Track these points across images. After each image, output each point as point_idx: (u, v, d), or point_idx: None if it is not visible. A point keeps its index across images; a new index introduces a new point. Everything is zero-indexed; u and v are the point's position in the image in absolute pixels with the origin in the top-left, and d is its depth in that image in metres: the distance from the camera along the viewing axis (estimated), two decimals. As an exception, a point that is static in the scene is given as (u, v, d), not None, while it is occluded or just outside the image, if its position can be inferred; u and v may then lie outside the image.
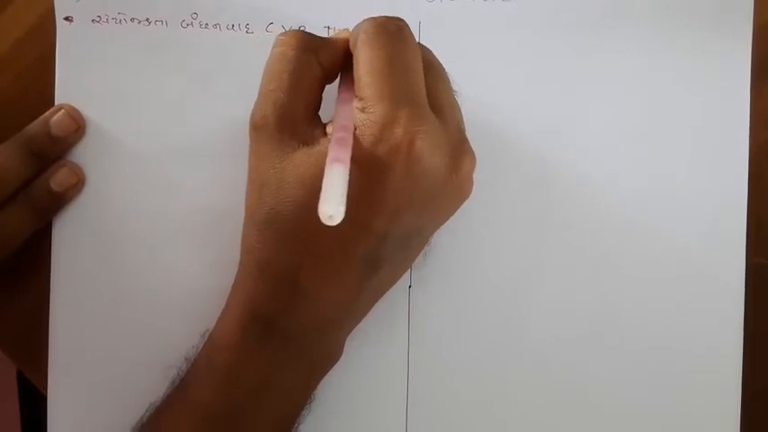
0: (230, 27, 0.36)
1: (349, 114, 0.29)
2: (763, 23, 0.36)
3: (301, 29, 0.35)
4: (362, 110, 0.29)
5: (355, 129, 0.29)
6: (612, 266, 0.36)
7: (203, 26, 0.36)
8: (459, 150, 0.30)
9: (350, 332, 0.33)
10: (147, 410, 0.33)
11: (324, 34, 0.35)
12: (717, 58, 0.36)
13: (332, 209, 0.24)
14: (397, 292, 0.34)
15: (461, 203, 0.32)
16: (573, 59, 0.36)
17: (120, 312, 0.36)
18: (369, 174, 0.28)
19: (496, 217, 0.36)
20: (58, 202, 0.35)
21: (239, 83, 0.36)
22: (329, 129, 0.30)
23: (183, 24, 0.36)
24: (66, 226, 0.36)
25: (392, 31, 0.30)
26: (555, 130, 0.36)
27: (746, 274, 0.36)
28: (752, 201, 0.36)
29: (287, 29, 0.36)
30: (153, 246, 0.36)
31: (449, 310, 0.36)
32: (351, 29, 0.31)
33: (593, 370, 0.36)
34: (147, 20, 0.36)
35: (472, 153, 0.31)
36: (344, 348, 0.33)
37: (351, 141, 0.27)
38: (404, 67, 0.29)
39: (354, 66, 0.30)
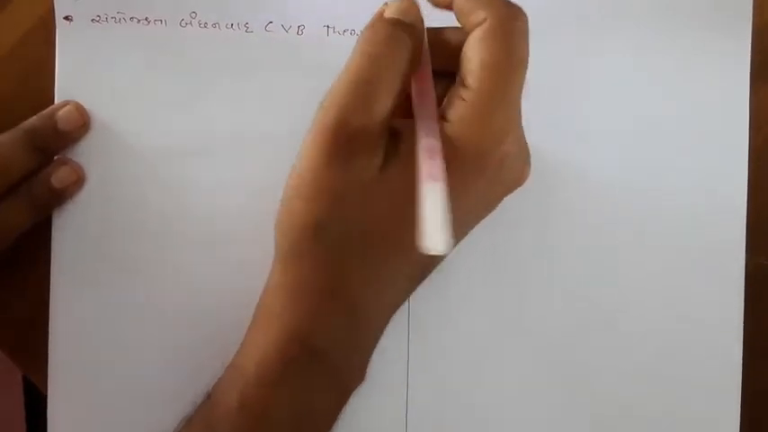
0: (229, 26, 0.36)
1: (432, 113, 0.26)
2: (762, 23, 0.36)
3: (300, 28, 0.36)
4: (469, 104, 0.26)
5: (444, 121, 0.26)
6: (611, 267, 0.36)
7: (202, 25, 0.36)
8: (528, 162, 0.30)
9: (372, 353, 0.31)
10: None
11: (323, 34, 0.36)
12: (716, 58, 0.36)
13: (439, 240, 0.21)
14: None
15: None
16: (573, 59, 0.36)
17: (121, 311, 0.36)
18: (452, 183, 0.25)
19: (496, 217, 0.36)
20: (58, 198, 0.35)
21: (238, 82, 0.36)
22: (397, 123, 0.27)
23: (183, 23, 0.36)
24: (65, 226, 0.36)
25: (522, 31, 0.27)
26: (554, 131, 0.36)
27: (746, 274, 0.36)
28: (752, 201, 0.36)
29: (286, 28, 0.36)
30: (153, 245, 0.36)
31: (449, 310, 0.36)
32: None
33: (594, 370, 0.36)
34: (146, 19, 0.36)
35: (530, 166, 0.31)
36: None
37: (440, 148, 0.24)
38: (523, 68, 0.27)
39: (468, 48, 0.27)
